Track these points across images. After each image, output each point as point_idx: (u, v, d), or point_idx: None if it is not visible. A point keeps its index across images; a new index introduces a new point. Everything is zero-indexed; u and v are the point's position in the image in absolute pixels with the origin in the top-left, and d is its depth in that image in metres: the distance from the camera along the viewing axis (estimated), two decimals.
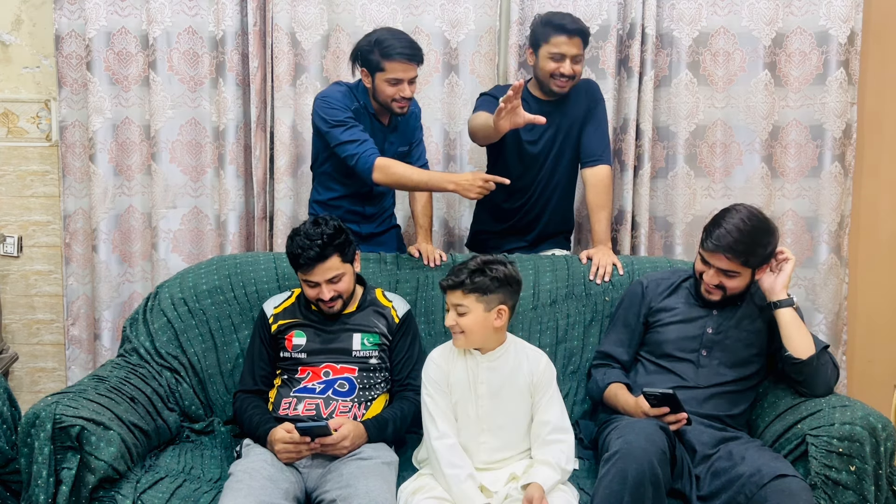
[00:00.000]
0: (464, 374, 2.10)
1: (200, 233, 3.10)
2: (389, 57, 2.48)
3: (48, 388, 3.22)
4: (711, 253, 2.21)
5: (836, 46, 2.96)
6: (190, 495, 2.02)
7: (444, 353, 2.15)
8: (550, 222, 2.86)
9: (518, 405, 2.11)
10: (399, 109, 2.57)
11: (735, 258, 2.18)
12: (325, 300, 2.24)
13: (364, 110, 2.62)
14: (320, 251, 2.17)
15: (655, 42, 3.00)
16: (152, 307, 2.54)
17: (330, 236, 2.19)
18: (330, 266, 2.20)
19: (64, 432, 1.94)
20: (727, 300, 2.29)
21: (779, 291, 2.22)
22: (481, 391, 2.09)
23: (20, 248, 3.19)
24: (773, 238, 2.23)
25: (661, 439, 1.99)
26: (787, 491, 1.89)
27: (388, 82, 2.51)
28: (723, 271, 2.22)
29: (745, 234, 2.17)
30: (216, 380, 2.51)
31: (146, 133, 3.05)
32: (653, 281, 2.45)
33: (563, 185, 2.84)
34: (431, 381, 2.12)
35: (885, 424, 2.00)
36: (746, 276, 2.24)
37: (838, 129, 3.00)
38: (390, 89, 2.52)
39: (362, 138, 2.51)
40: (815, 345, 2.18)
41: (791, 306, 2.21)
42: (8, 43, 3.09)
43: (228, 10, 2.93)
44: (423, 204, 2.79)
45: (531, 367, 2.12)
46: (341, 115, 2.53)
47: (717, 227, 2.20)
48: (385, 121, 2.68)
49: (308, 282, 2.24)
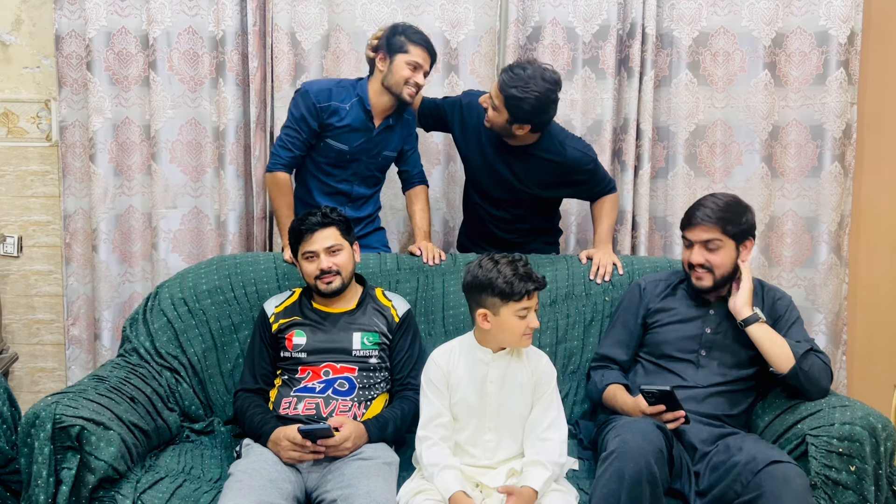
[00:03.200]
0: (470, 373, 2.10)
1: (200, 233, 3.10)
2: (414, 42, 2.59)
3: (48, 388, 3.22)
4: (691, 229, 2.28)
5: (836, 46, 2.96)
6: (190, 495, 2.01)
7: (445, 354, 2.15)
8: (530, 232, 2.83)
9: (522, 404, 2.11)
10: (409, 97, 2.62)
11: (713, 225, 2.24)
12: (323, 272, 2.26)
13: (360, 106, 2.65)
14: (321, 219, 2.29)
15: (655, 42, 3.00)
16: (152, 307, 2.54)
17: (331, 211, 2.32)
18: (329, 234, 2.28)
19: (64, 432, 1.94)
20: (724, 298, 2.30)
21: (741, 309, 2.24)
22: (490, 389, 2.09)
23: (20, 248, 3.19)
24: (749, 213, 2.30)
25: (658, 438, 1.99)
26: (781, 476, 1.89)
27: (409, 65, 2.58)
28: (705, 245, 2.26)
29: (719, 205, 2.26)
30: (216, 380, 2.51)
31: (146, 133, 3.05)
32: (651, 282, 2.45)
33: (514, 221, 2.79)
34: (430, 383, 2.12)
35: (885, 424, 2.00)
36: (729, 249, 2.26)
37: (838, 129, 3.00)
38: (407, 72, 2.58)
39: (291, 146, 2.65)
40: (795, 352, 2.17)
41: (756, 322, 2.21)
42: (8, 43, 3.10)
43: (228, 10, 2.93)
44: (420, 207, 2.80)
45: (533, 367, 2.13)
46: (298, 113, 2.63)
47: (693, 209, 2.30)
48: (377, 123, 2.69)
49: (307, 253, 2.28)
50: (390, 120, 2.70)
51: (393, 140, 2.75)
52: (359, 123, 2.65)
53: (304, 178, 2.78)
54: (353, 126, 2.64)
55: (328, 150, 2.68)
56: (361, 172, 2.74)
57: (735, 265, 2.28)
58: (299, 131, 2.64)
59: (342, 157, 2.68)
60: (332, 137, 2.65)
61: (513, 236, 2.81)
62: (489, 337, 2.09)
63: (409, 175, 2.83)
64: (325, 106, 2.62)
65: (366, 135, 2.67)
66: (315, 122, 2.62)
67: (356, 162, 2.71)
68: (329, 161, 2.70)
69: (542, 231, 2.89)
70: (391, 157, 2.77)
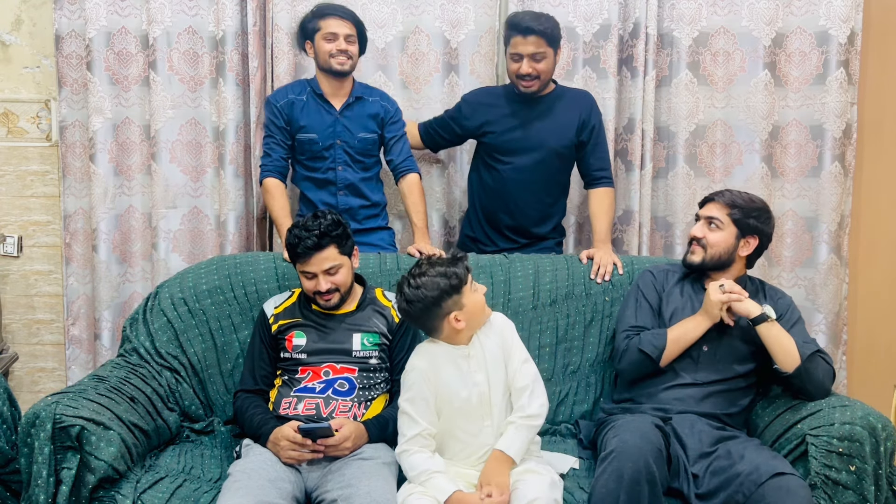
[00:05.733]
0: (455, 368, 2.09)
1: (200, 233, 3.10)
2: (323, 16, 2.69)
3: (48, 388, 3.22)
4: (704, 205, 2.39)
5: (836, 46, 2.95)
6: (190, 495, 2.01)
7: (424, 355, 2.12)
8: (523, 219, 2.84)
9: (503, 377, 2.10)
10: (339, 66, 2.68)
11: (723, 205, 2.34)
12: (321, 292, 2.24)
13: (312, 95, 2.74)
14: (318, 241, 2.21)
15: (656, 42, 3.00)
16: (152, 307, 2.54)
17: (328, 227, 2.22)
18: (327, 256, 2.22)
19: (64, 432, 1.94)
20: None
21: (751, 308, 2.23)
22: (478, 379, 2.08)
23: (20, 248, 3.19)
24: (764, 217, 2.35)
25: (657, 438, 2.00)
26: (784, 488, 1.89)
27: (325, 38, 2.67)
28: (709, 221, 2.34)
29: (738, 193, 2.38)
30: (216, 380, 2.51)
31: (146, 133, 3.05)
32: (660, 271, 2.49)
33: (535, 184, 2.81)
34: (413, 403, 2.07)
35: (885, 424, 2.00)
36: (729, 233, 2.32)
37: (838, 129, 3.00)
38: (328, 45, 2.67)
39: (269, 151, 2.76)
40: (802, 352, 2.17)
41: (765, 321, 2.20)
42: (8, 43, 3.09)
43: (228, 10, 2.93)
44: (413, 200, 2.78)
45: (497, 330, 2.13)
46: (266, 120, 2.77)
47: (713, 193, 2.41)
48: (337, 104, 2.75)
49: (306, 273, 2.25)
50: (350, 99, 2.75)
51: (363, 119, 2.77)
52: (317, 109, 2.74)
53: (297, 180, 2.84)
54: (313, 113, 2.73)
55: (303, 146, 2.76)
56: (341, 158, 2.76)
57: (731, 255, 2.32)
58: (272, 135, 2.76)
59: (315, 145, 2.74)
60: (302, 131, 2.74)
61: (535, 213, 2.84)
62: (464, 333, 2.08)
63: (396, 164, 2.81)
64: (284, 103, 2.74)
65: (329, 118, 2.74)
66: (280, 120, 2.73)
67: (331, 148, 2.75)
68: (308, 155, 2.77)
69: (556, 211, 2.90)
70: (370, 138, 2.78)
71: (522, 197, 2.81)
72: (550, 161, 2.80)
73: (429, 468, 1.99)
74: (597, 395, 2.54)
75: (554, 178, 2.85)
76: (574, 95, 2.84)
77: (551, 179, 2.84)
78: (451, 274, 2.03)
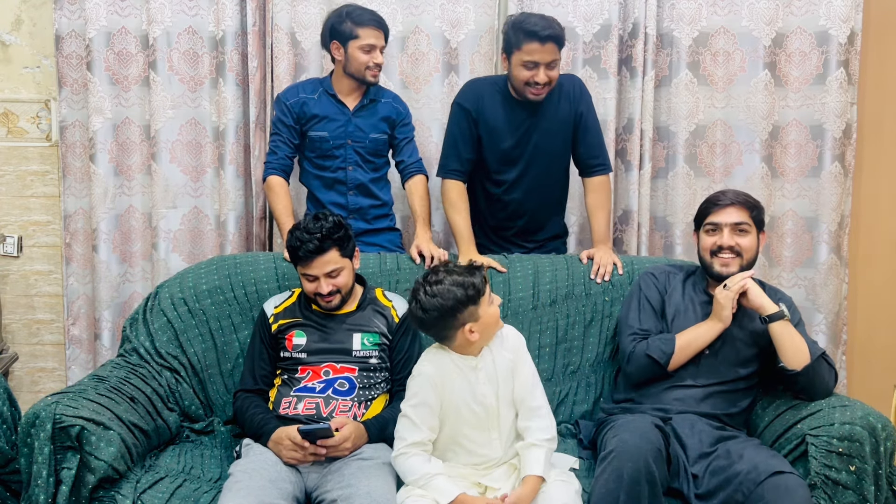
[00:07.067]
0: (463, 379, 2.06)
1: (200, 233, 3.10)
2: (362, 24, 2.62)
3: (48, 388, 3.22)
4: (719, 210, 2.30)
5: (836, 46, 2.95)
6: (190, 495, 2.01)
7: (433, 361, 2.08)
8: (532, 222, 2.82)
9: (511, 391, 2.08)
10: (373, 78, 2.68)
11: (745, 208, 2.30)
12: (322, 294, 2.24)
13: (325, 94, 2.72)
14: (319, 244, 2.19)
15: (655, 42, 3.00)
16: (152, 307, 2.54)
17: (329, 230, 2.21)
18: (328, 259, 2.22)
19: (64, 432, 1.94)
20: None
21: (766, 305, 2.22)
22: (485, 391, 2.06)
23: (20, 248, 3.19)
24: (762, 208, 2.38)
25: (656, 437, 1.99)
26: (783, 487, 1.89)
27: (362, 49, 2.63)
28: (736, 227, 2.29)
29: (741, 193, 2.35)
30: (216, 380, 2.51)
31: (146, 133, 3.05)
32: (662, 273, 2.48)
33: (545, 186, 2.78)
34: (417, 409, 2.05)
35: (884, 424, 2.00)
36: (754, 236, 2.31)
37: (838, 129, 3.00)
38: (364, 56, 2.63)
39: (275, 149, 2.74)
40: (813, 352, 2.17)
41: (781, 319, 2.19)
42: (8, 43, 3.10)
43: (228, 10, 2.93)
44: (419, 196, 2.77)
45: (508, 345, 2.10)
46: (275, 118, 2.75)
47: (718, 195, 2.35)
48: (350, 105, 2.73)
49: (307, 275, 2.25)
50: (364, 100, 2.74)
51: (375, 120, 2.76)
52: (330, 108, 2.72)
53: (306, 179, 2.83)
54: (325, 112, 2.71)
55: (313, 143, 2.74)
56: (352, 158, 2.75)
57: (755, 257, 2.32)
58: (279, 132, 2.74)
59: (326, 144, 2.73)
60: (312, 129, 2.73)
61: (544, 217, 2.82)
62: (477, 344, 2.05)
63: (406, 165, 2.81)
64: (294, 101, 2.73)
65: (342, 118, 2.72)
66: (289, 118, 2.71)
67: (342, 147, 2.74)
68: (318, 154, 2.76)
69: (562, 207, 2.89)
70: (381, 139, 2.77)
71: (531, 205, 2.78)
72: (555, 164, 2.77)
73: (428, 471, 1.98)
74: (597, 395, 2.54)
75: (558, 178, 2.82)
76: (562, 84, 2.68)
77: (556, 181, 2.81)
78: (469, 284, 1.98)
